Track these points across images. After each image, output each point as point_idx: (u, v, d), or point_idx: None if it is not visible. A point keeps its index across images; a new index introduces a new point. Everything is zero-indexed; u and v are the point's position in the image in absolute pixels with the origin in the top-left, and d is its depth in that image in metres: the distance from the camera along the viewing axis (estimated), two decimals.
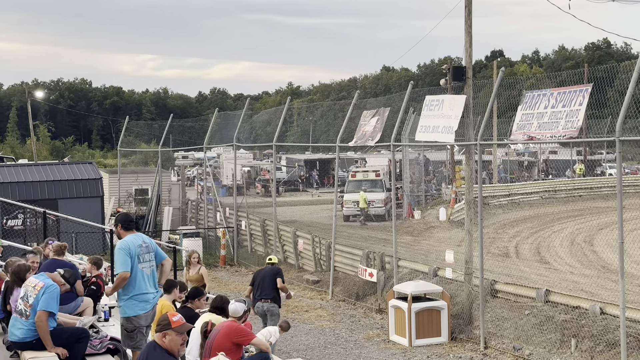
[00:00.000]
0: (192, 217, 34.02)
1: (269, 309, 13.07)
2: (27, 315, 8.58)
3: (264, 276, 13.24)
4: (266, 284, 13.12)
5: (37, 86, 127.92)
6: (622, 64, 20.24)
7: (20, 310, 8.67)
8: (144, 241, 8.62)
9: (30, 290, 8.66)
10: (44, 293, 8.56)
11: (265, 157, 68.40)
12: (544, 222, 28.46)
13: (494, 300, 15.51)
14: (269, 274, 13.25)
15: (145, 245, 8.59)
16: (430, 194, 37.83)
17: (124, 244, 8.48)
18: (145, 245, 8.60)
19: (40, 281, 8.73)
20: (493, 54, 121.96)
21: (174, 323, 6.52)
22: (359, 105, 21.55)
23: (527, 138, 14.07)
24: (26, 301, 8.62)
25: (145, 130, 47.70)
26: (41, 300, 8.52)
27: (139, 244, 8.52)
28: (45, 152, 69.54)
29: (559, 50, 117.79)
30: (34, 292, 8.60)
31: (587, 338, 12.88)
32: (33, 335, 8.57)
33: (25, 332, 8.59)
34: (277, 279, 13.13)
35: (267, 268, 13.50)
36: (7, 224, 24.94)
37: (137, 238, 8.58)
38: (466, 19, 16.23)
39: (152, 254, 8.68)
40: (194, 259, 14.29)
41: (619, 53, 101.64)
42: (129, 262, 8.37)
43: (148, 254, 8.60)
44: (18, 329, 8.65)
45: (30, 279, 8.92)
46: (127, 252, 8.38)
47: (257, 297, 13.15)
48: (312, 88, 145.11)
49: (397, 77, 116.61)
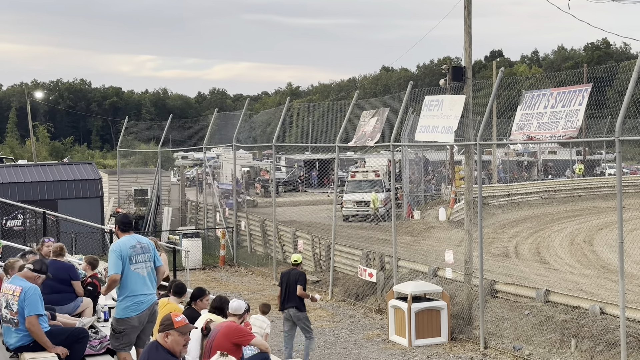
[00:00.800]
0: (191, 217, 34.01)
1: (294, 315, 13.34)
2: (15, 323, 8.54)
3: (289, 282, 13.41)
4: (291, 290, 13.36)
5: (37, 87, 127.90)
6: (622, 64, 20.23)
7: (8, 320, 8.63)
8: (138, 242, 8.53)
9: (10, 298, 8.58)
10: (25, 298, 8.50)
11: (264, 157, 68.40)
12: (543, 222, 28.45)
13: (493, 300, 15.51)
14: (292, 279, 13.41)
15: (140, 246, 8.51)
16: (429, 194, 37.83)
17: (115, 246, 8.47)
18: (140, 246, 8.51)
19: (16, 287, 8.63)
20: (492, 54, 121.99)
21: (176, 323, 6.50)
22: (358, 106, 21.55)
23: (527, 138, 14.07)
24: (10, 309, 8.56)
25: (144, 130, 47.69)
26: (25, 307, 8.48)
27: (132, 245, 8.44)
28: (44, 153, 69.55)
29: (558, 51, 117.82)
30: (15, 299, 8.53)
31: (587, 338, 12.88)
32: (28, 340, 8.55)
33: (20, 339, 8.57)
34: (297, 286, 13.28)
35: (292, 271, 13.63)
36: (7, 224, 24.91)
37: (132, 239, 8.51)
38: (465, 19, 16.24)
39: (149, 254, 8.58)
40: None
41: (618, 53, 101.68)
42: (120, 264, 8.31)
43: (143, 254, 8.50)
44: (12, 337, 8.63)
45: (6, 286, 8.79)
46: (117, 254, 8.35)
47: (283, 301, 13.45)
48: (311, 88, 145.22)
49: (397, 77, 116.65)
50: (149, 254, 8.60)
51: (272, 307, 13.51)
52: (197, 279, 22.98)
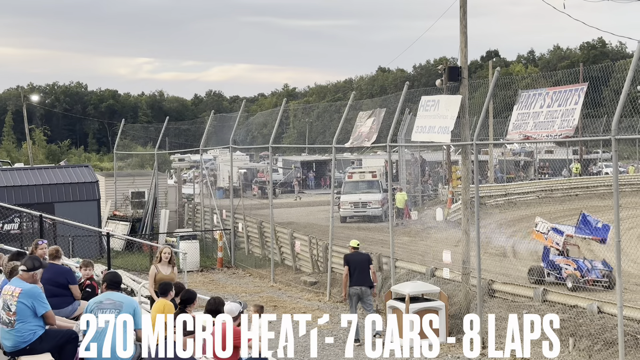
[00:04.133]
0: (189, 219, 34.00)
1: (365, 291, 15.27)
2: (12, 323, 8.56)
3: (357, 263, 15.36)
4: (360, 269, 15.32)
5: (33, 90, 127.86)
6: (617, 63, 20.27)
7: (4, 321, 8.64)
8: (108, 298, 8.43)
9: (9, 299, 8.61)
10: (34, 298, 8.59)
11: (261, 159, 68.38)
12: None
13: (491, 300, 15.52)
14: (362, 260, 15.46)
15: (109, 302, 8.38)
16: (427, 194, 37.86)
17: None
18: (110, 302, 8.38)
19: (16, 287, 8.68)
20: (488, 54, 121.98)
21: None
22: (354, 107, 21.55)
23: (523, 137, 14.08)
24: (8, 310, 8.58)
25: (141, 133, 47.63)
26: (36, 307, 8.61)
27: (99, 300, 8.49)
28: (41, 156, 69.48)
29: (554, 50, 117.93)
30: (14, 299, 8.56)
31: (584, 337, 12.89)
32: (25, 342, 8.58)
33: (16, 341, 8.60)
34: (369, 265, 15.41)
35: (358, 254, 15.63)
36: (4, 228, 24.90)
37: (104, 295, 8.57)
38: (461, 19, 16.25)
39: (118, 311, 8.28)
40: (165, 255, 13.32)
41: (614, 52, 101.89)
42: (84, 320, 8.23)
43: (109, 310, 8.28)
44: (7, 339, 8.65)
45: (7, 288, 8.83)
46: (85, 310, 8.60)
47: (353, 281, 15.26)
48: (308, 90, 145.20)
49: (393, 78, 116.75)
50: (117, 311, 8.32)
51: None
52: (195, 281, 22.95)
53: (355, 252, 15.67)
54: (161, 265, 13.36)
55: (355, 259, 15.43)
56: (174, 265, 13.53)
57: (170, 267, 13.37)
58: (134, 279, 20.55)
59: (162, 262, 13.38)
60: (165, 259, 13.33)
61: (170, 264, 13.40)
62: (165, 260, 13.33)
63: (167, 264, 13.36)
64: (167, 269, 13.32)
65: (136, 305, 8.55)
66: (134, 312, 8.39)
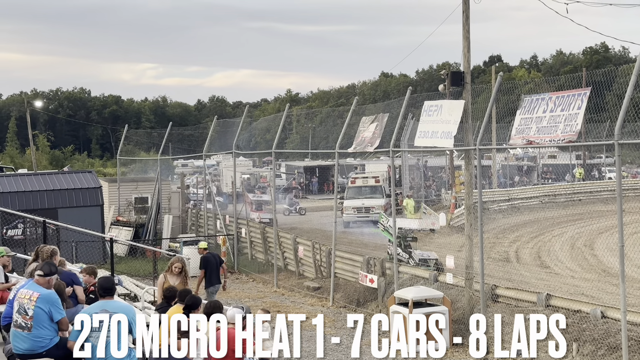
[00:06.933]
0: (192, 225, 34.03)
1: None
2: (28, 327, 8.57)
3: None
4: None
5: (36, 96, 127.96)
6: (620, 68, 20.29)
7: (20, 324, 8.65)
8: (103, 309, 8.26)
9: (26, 303, 8.62)
10: (52, 304, 8.63)
11: (264, 164, 68.42)
12: (544, 226, 28.45)
13: (495, 305, 15.49)
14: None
15: (105, 313, 8.25)
16: (430, 199, 37.85)
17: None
18: (106, 314, 8.26)
19: (33, 292, 8.69)
20: (491, 59, 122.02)
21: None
22: (357, 112, 21.57)
23: (526, 142, 14.07)
24: (24, 314, 8.60)
25: (144, 138, 47.73)
26: (53, 312, 8.64)
27: (94, 311, 8.33)
28: (44, 162, 69.64)
29: (557, 55, 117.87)
30: (31, 303, 8.58)
31: (588, 342, 12.87)
32: (42, 347, 8.59)
33: (33, 345, 8.60)
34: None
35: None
36: (7, 233, 24.92)
37: (97, 306, 8.40)
38: (464, 24, 16.27)
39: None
40: (176, 268, 13.52)
41: (617, 57, 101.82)
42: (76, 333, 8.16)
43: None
44: (22, 342, 8.64)
45: (22, 291, 8.84)
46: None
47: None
48: (310, 95, 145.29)
49: (396, 83, 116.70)
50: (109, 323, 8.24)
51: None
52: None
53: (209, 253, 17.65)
54: (170, 275, 13.59)
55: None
56: (186, 276, 13.69)
57: (179, 278, 13.53)
58: (137, 284, 20.58)
59: (171, 272, 13.61)
60: (175, 272, 13.56)
61: (180, 275, 13.58)
62: (175, 272, 13.56)
63: (177, 275, 13.56)
64: (175, 279, 13.49)
65: (133, 314, 8.40)
66: (131, 320, 8.25)
